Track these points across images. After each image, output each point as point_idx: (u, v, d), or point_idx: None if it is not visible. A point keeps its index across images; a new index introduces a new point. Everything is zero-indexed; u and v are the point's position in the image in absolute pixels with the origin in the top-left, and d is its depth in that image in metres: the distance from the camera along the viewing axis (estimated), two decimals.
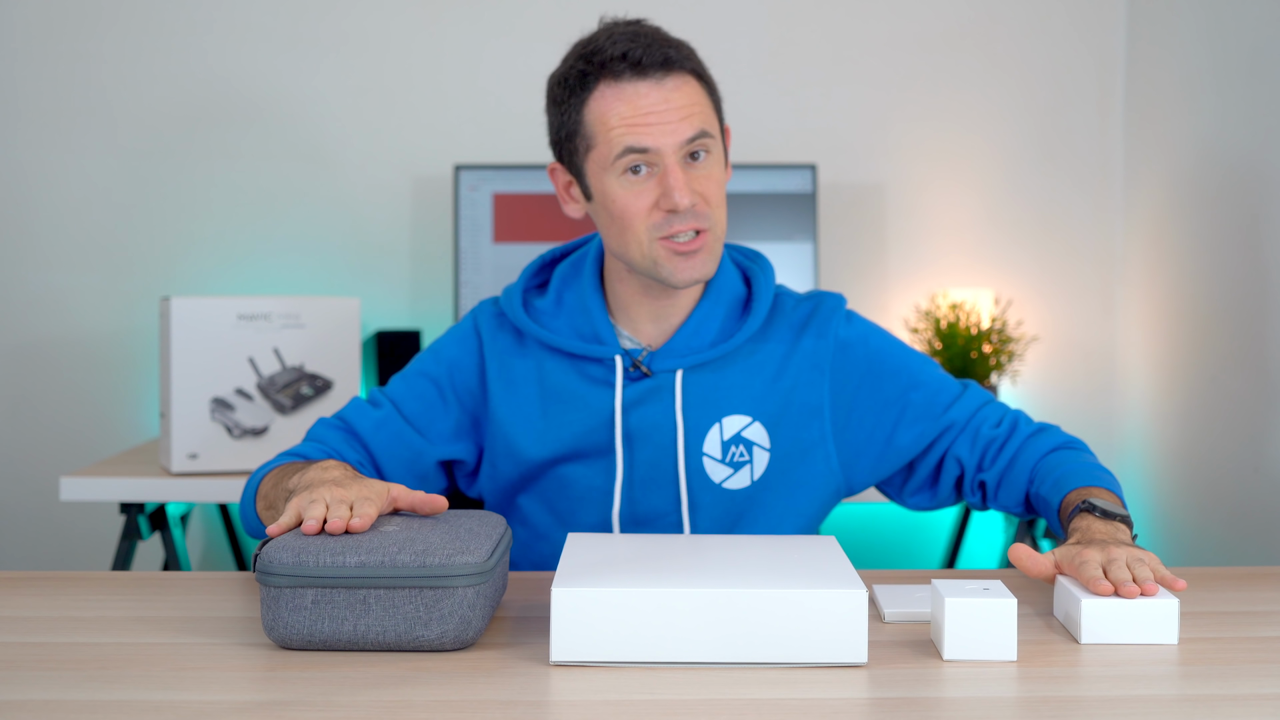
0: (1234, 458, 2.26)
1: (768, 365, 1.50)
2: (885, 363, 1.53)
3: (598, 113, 1.41)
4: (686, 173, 1.41)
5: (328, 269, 2.72)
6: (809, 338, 1.51)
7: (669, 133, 1.39)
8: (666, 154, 1.40)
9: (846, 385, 1.52)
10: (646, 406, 1.48)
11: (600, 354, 1.48)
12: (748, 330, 1.49)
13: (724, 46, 2.74)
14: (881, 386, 1.52)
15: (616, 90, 1.40)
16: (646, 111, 1.39)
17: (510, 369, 1.51)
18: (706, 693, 1.03)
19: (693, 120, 1.40)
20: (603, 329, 1.49)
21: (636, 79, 1.40)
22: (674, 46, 1.42)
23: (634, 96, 1.40)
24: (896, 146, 2.75)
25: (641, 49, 1.39)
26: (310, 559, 1.12)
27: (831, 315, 1.52)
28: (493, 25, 2.71)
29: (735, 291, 1.53)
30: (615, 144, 1.40)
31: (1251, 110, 2.19)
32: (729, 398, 1.49)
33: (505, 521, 1.27)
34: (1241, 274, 2.22)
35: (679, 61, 1.41)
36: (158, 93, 2.71)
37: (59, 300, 2.72)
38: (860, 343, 1.53)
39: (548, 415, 1.50)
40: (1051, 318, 2.76)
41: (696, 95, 1.42)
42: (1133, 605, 1.16)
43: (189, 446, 2.11)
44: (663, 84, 1.40)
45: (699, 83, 1.44)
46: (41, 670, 1.09)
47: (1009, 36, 2.74)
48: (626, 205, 1.41)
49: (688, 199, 1.39)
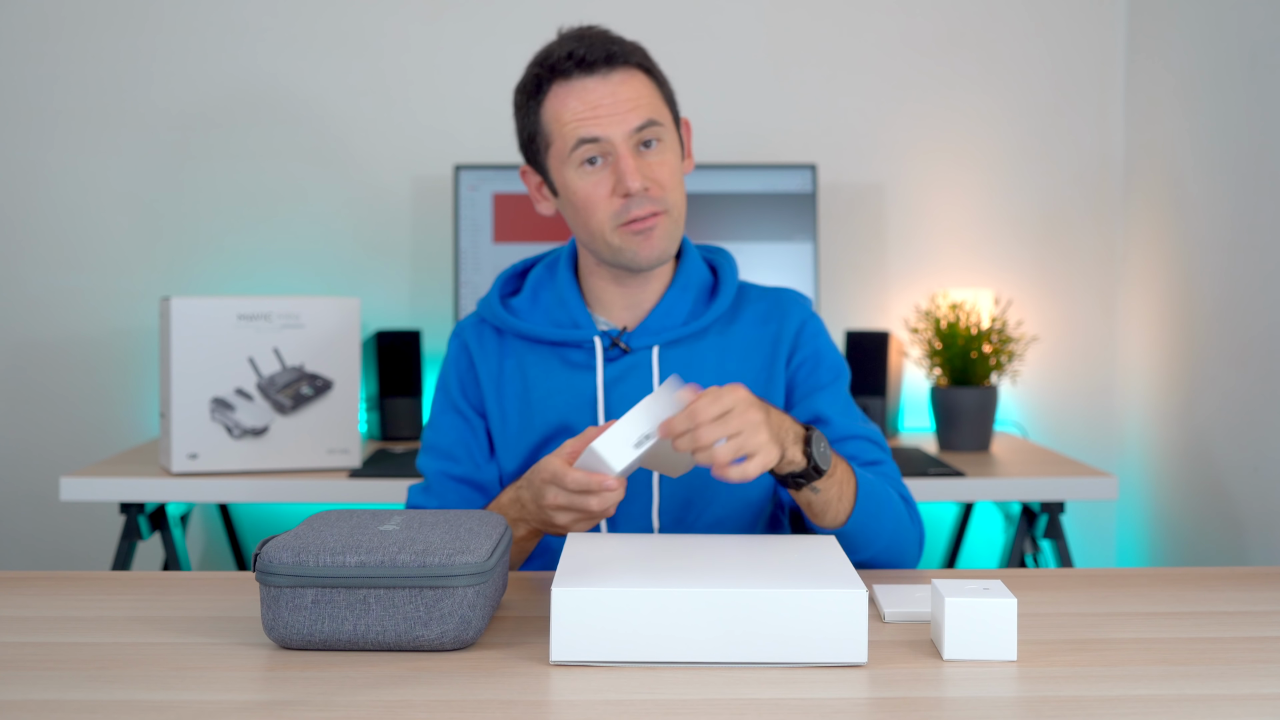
0: (1234, 458, 2.26)
1: (738, 344, 1.58)
2: (826, 358, 1.59)
3: (552, 111, 1.51)
4: (638, 159, 1.50)
5: (328, 269, 2.72)
6: (775, 321, 1.59)
7: (617, 122, 1.48)
8: (617, 142, 1.49)
9: (792, 360, 1.59)
10: (626, 384, 1.54)
11: (579, 338, 1.55)
12: (717, 309, 1.57)
13: (724, 46, 2.74)
14: (816, 370, 1.58)
15: (567, 88, 1.50)
16: (595, 104, 1.48)
17: (495, 368, 1.59)
18: (706, 693, 1.03)
19: (640, 110, 1.49)
20: (579, 315, 1.57)
21: (584, 75, 1.49)
22: (617, 44, 1.51)
23: (582, 91, 1.49)
24: (896, 146, 2.75)
25: (585, 47, 1.49)
26: (310, 559, 1.12)
27: (796, 305, 1.62)
28: (493, 25, 2.71)
29: (703, 278, 1.61)
30: (569, 137, 1.49)
31: (1251, 110, 2.19)
32: (704, 373, 1.55)
33: (505, 521, 1.27)
34: (1241, 274, 2.22)
35: (623, 56, 1.50)
36: (157, 93, 2.71)
37: (59, 300, 2.72)
38: (813, 337, 1.60)
39: (532, 405, 1.56)
40: (1051, 318, 2.76)
41: (643, 88, 1.51)
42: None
43: (189, 446, 2.11)
44: (609, 78, 1.49)
45: (646, 76, 1.52)
46: (41, 670, 1.09)
47: (1009, 36, 2.74)
48: (587, 194, 1.51)
49: (639, 182, 1.48)
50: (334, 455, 2.18)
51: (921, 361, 2.48)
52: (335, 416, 2.17)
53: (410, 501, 1.60)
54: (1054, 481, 2.17)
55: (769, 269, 2.48)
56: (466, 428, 1.59)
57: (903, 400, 2.67)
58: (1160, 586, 1.40)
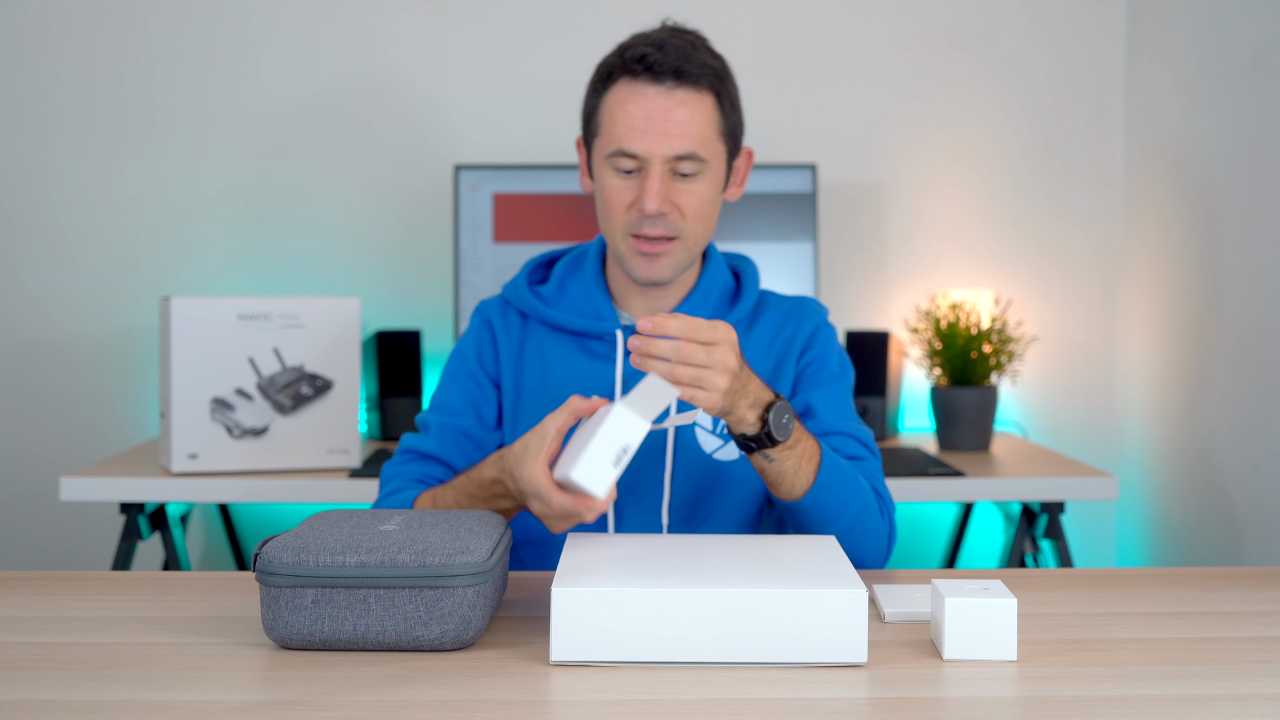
0: (1234, 458, 2.26)
1: (755, 348, 1.58)
2: (830, 361, 1.59)
3: (610, 106, 1.51)
4: (669, 183, 1.49)
5: (328, 269, 2.72)
6: (790, 326, 1.60)
7: (660, 143, 1.47)
8: (653, 162, 1.48)
9: (799, 362, 1.59)
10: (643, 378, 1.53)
11: (601, 330, 1.55)
12: (738, 313, 1.58)
13: (724, 46, 2.72)
14: (820, 371, 1.58)
15: (630, 89, 1.49)
16: (648, 116, 1.47)
17: (517, 351, 1.59)
18: (706, 693, 1.03)
19: (688, 138, 1.47)
20: (604, 308, 1.58)
21: (649, 83, 1.48)
22: (695, 62, 1.48)
23: (641, 99, 1.48)
24: (896, 146, 2.75)
25: (662, 56, 1.47)
26: (310, 559, 1.12)
27: (813, 313, 1.62)
28: (493, 25, 2.71)
29: (725, 283, 1.63)
30: (612, 141, 1.50)
31: (1251, 110, 2.19)
32: None
33: (505, 521, 1.27)
34: (1241, 274, 2.22)
35: (695, 77, 1.48)
36: (157, 92, 2.71)
37: (59, 300, 2.72)
38: (824, 342, 1.60)
39: (549, 390, 1.56)
40: (1051, 318, 2.76)
41: (702, 114, 1.48)
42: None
43: (189, 446, 2.11)
44: (672, 94, 1.48)
45: (714, 101, 1.50)
46: (41, 670, 1.09)
47: (1009, 36, 2.74)
48: (610, 197, 1.52)
49: (656, 204, 1.47)
50: (334, 455, 2.18)
51: (921, 361, 2.48)
52: (335, 416, 2.17)
53: (402, 446, 1.58)
54: (1054, 481, 2.17)
55: (769, 269, 2.47)
56: (477, 389, 1.59)
57: (903, 400, 2.67)
58: (1160, 586, 1.40)
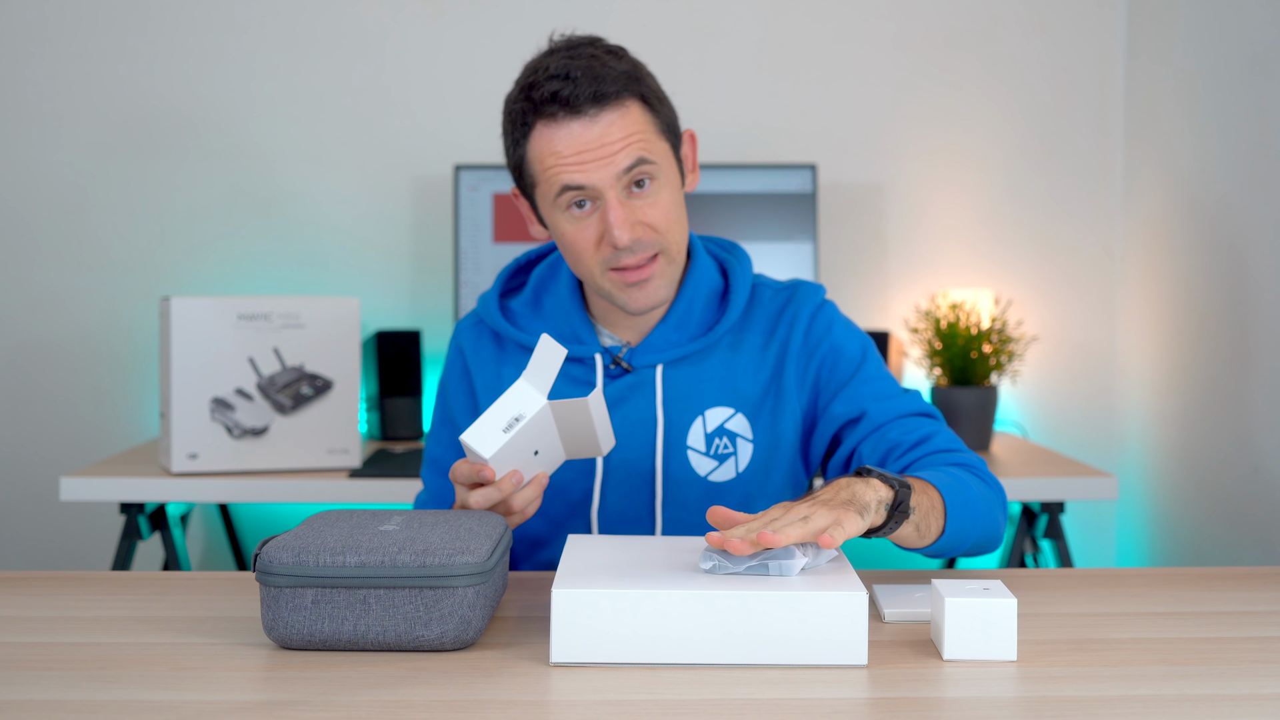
0: (1234, 458, 2.26)
1: (747, 356, 1.51)
2: (844, 349, 1.52)
3: (537, 152, 1.42)
4: (628, 205, 1.40)
5: (328, 269, 2.72)
6: (784, 326, 1.52)
7: (604, 167, 1.38)
8: (605, 189, 1.39)
9: (809, 366, 1.51)
10: (628, 404, 1.49)
11: (580, 354, 1.50)
12: (726, 323, 1.50)
13: (724, 46, 2.74)
14: (837, 367, 1.51)
15: (552, 130, 1.40)
16: (580, 150, 1.39)
17: (493, 376, 1.53)
18: (706, 693, 1.03)
19: (630, 149, 1.39)
20: (582, 329, 1.51)
21: (569, 118, 1.39)
22: (607, 79, 1.39)
23: (567, 136, 1.39)
24: (896, 146, 2.75)
25: (572, 86, 1.38)
26: (310, 559, 1.12)
27: (806, 302, 1.53)
28: (492, 25, 2.71)
29: (712, 284, 1.53)
30: (554, 183, 1.40)
31: (1251, 111, 2.19)
32: (711, 390, 1.49)
33: (505, 521, 1.27)
34: (1241, 274, 2.22)
35: (613, 93, 1.39)
36: (158, 93, 2.71)
37: (59, 300, 2.72)
38: (826, 331, 1.52)
39: None
40: (1051, 318, 2.76)
41: (635, 122, 1.40)
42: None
43: (189, 446, 2.11)
44: (597, 120, 1.39)
45: (640, 105, 1.41)
46: (41, 670, 1.09)
47: (1009, 36, 2.74)
48: (574, 239, 1.42)
49: (627, 235, 1.39)
50: (334, 455, 2.18)
51: (921, 361, 2.48)
52: (335, 416, 2.17)
53: (415, 505, 1.60)
54: (1054, 481, 2.17)
55: (769, 269, 2.47)
56: (457, 435, 1.55)
57: None
58: (1160, 586, 1.40)
